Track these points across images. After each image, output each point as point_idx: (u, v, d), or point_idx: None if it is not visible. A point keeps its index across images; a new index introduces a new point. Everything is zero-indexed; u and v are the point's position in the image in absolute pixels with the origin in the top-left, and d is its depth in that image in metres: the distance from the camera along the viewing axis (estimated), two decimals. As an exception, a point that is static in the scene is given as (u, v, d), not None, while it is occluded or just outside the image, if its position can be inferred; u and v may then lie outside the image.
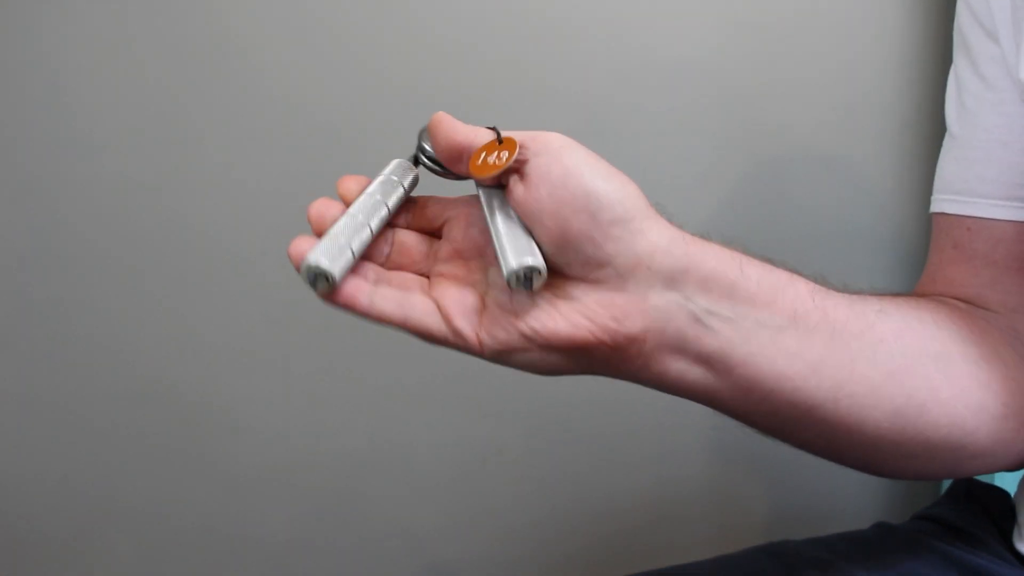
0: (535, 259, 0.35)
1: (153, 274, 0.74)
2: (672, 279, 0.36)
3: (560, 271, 0.36)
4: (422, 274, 0.39)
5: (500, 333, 0.37)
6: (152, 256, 0.73)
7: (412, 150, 0.42)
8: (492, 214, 0.38)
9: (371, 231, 0.38)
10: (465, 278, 0.38)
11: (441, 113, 0.39)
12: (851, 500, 0.87)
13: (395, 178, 0.40)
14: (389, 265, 0.39)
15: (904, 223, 0.82)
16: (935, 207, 0.52)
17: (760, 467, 0.86)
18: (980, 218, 0.49)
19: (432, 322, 0.37)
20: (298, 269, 0.36)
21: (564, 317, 0.36)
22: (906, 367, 0.41)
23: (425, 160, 0.41)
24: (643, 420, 0.82)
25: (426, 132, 0.41)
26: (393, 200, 0.39)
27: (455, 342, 0.37)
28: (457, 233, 0.40)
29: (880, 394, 0.40)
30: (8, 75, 0.69)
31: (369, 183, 0.40)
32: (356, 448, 0.79)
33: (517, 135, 0.38)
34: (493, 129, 0.39)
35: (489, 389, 0.79)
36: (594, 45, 0.74)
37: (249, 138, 0.72)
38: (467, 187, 0.41)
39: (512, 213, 0.37)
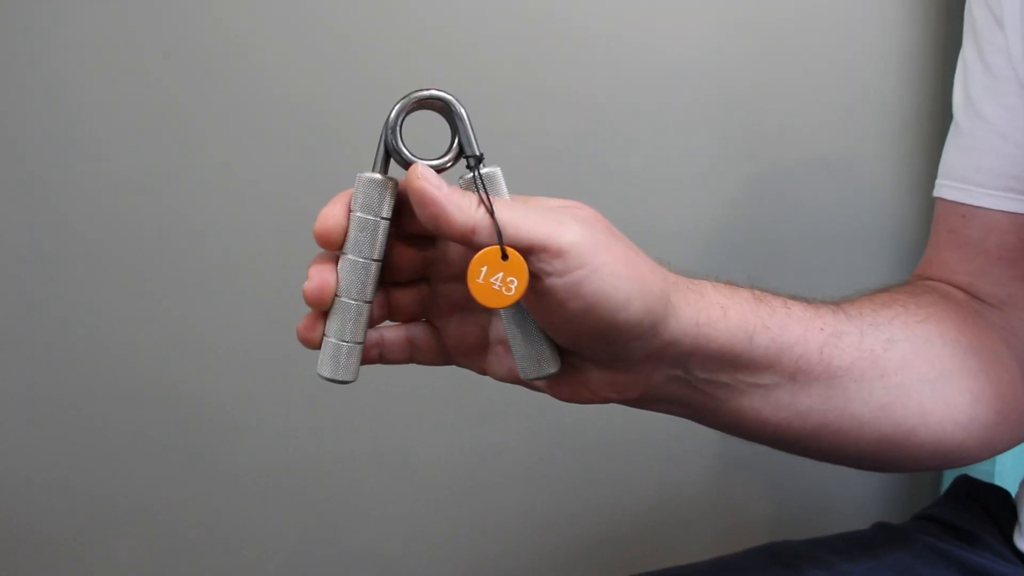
0: (551, 366, 0.36)
1: (153, 274, 0.73)
2: (677, 362, 0.38)
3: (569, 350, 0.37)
4: (420, 279, 0.39)
5: (503, 373, 0.39)
6: (152, 256, 0.73)
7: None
8: None
9: (368, 304, 0.37)
10: (466, 304, 0.38)
11: (421, 172, 0.34)
12: (851, 500, 0.87)
13: (371, 217, 0.36)
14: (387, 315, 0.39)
15: (904, 223, 0.82)
16: (936, 191, 0.53)
17: (760, 468, 0.86)
18: (974, 206, 0.50)
19: (438, 359, 0.39)
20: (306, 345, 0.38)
21: (568, 386, 0.38)
22: (900, 399, 0.43)
23: (402, 163, 0.37)
24: (643, 421, 0.82)
25: (395, 128, 0.37)
26: (378, 250, 0.36)
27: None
28: (455, 251, 0.38)
29: (866, 428, 0.42)
30: (8, 75, 0.69)
31: (347, 221, 0.37)
32: (356, 448, 0.79)
33: (522, 233, 0.33)
34: (494, 232, 0.33)
35: (489, 390, 0.79)
36: (594, 45, 0.74)
37: (249, 138, 0.72)
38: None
39: (520, 308, 0.36)
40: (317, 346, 0.38)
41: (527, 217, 0.33)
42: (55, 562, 0.77)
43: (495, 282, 0.33)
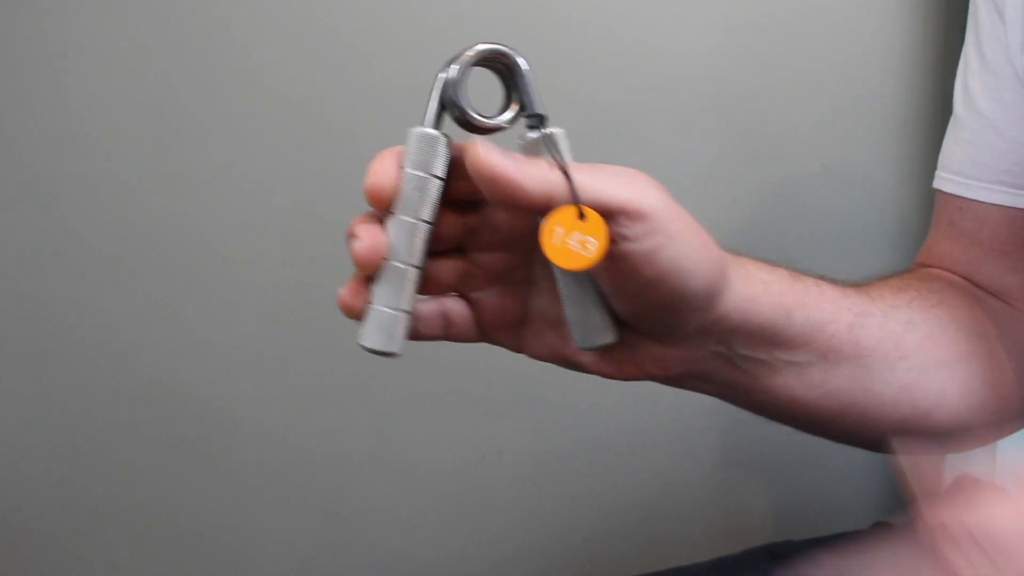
0: (609, 336, 0.35)
1: (153, 274, 0.73)
2: (724, 337, 0.38)
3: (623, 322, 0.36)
4: (456, 249, 0.37)
5: (541, 350, 0.37)
6: (152, 256, 0.73)
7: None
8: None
9: (418, 269, 0.34)
10: (506, 276, 0.37)
11: (484, 152, 0.31)
12: (851, 501, 0.87)
13: (421, 173, 0.34)
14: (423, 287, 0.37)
15: (904, 223, 0.82)
16: (935, 183, 0.54)
17: (760, 468, 0.86)
18: (969, 199, 0.51)
19: (472, 335, 0.37)
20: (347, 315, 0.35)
21: (615, 363, 0.37)
22: (919, 380, 0.44)
23: (462, 120, 0.34)
24: (643, 420, 0.82)
25: (457, 84, 0.34)
26: (430, 210, 0.34)
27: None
28: (502, 217, 0.35)
29: (888, 409, 0.43)
30: (8, 75, 0.69)
31: (399, 176, 0.34)
32: (357, 448, 0.79)
33: (602, 196, 0.32)
34: (571, 193, 0.31)
35: (489, 389, 0.79)
36: (595, 46, 0.74)
37: (249, 138, 0.72)
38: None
39: (583, 274, 0.34)
40: (359, 315, 0.35)
41: (605, 179, 0.32)
42: (55, 561, 0.77)
43: (571, 242, 0.31)
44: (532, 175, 0.31)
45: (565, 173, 0.31)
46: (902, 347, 0.43)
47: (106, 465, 0.76)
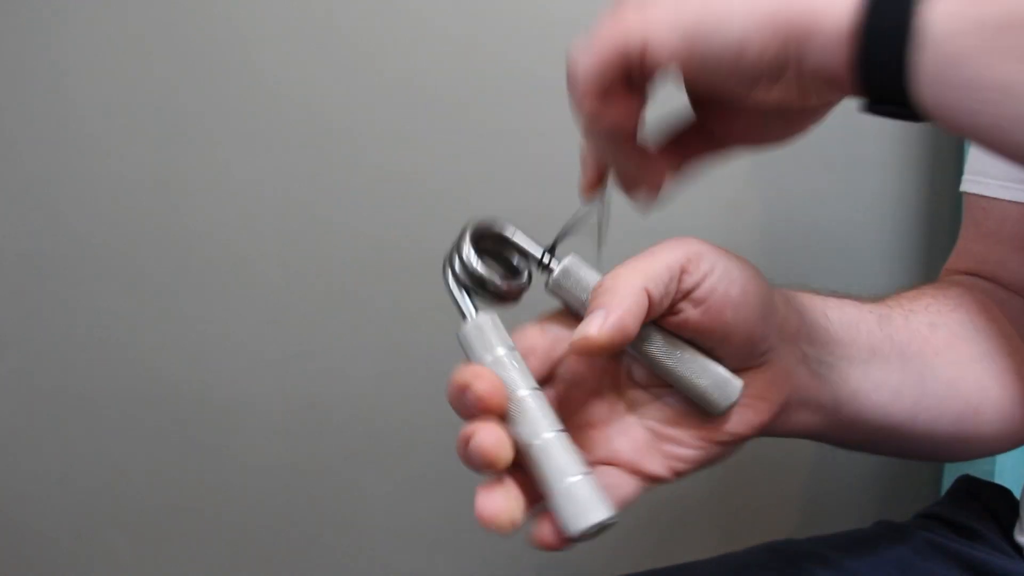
0: (738, 380, 0.36)
1: (152, 274, 0.73)
2: (792, 338, 0.39)
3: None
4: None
5: (685, 452, 0.37)
6: (151, 256, 0.73)
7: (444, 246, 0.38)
8: (662, 347, 0.35)
9: (564, 431, 0.34)
10: (609, 406, 0.38)
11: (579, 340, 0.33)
12: (853, 499, 0.87)
13: (504, 350, 0.35)
14: None
15: (904, 223, 0.82)
16: (961, 186, 0.55)
17: (760, 468, 0.86)
18: (990, 197, 0.52)
19: (631, 490, 0.38)
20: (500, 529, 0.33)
21: (751, 409, 0.38)
22: (960, 376, 0.45)
23: (495, 293, 0.36)
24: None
25: (466, 269, 0.36)
26: (532, 377, 0.35)
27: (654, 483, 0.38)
28: (576, 365, 0.37)
29: (944, 405, 0.44)
30: (8, 74, 0.69)
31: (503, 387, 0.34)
32: (356, 448, 0.79)
33: (662, 272, 0.35)
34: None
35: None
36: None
37: (250, 138, 0.72)
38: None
39: (677, 339, 0.36)
40: (530, 510, 0.33)
41: (648, 260, 0.35)
42: (54, 562, 0.77)
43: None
44: (606, 329, 0.33)
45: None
46: (932, 344, 0.45)
47: (106, 465, 0.76)
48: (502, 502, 0.33)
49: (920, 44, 0.29)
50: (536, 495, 0.34)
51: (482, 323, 0.35)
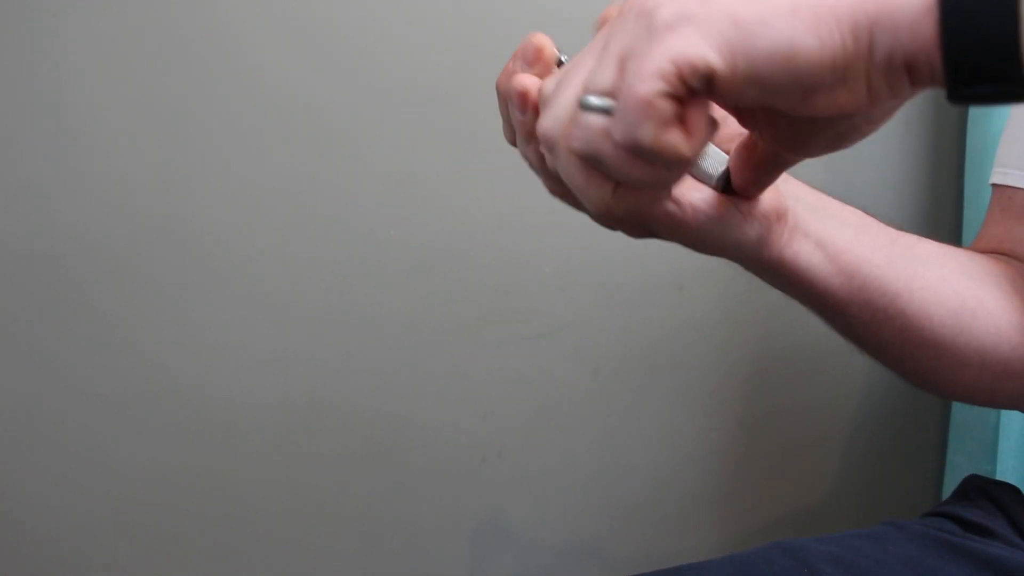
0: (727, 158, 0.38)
1: (152, 274, 0.73)
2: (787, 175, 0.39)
3: None
4: None
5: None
6: (150, 256, 0.73)
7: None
8: None
9: None
10: None
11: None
12: (854, 501, 0.87)
13: None
14: None
15: (904, 223, 0.82)
16: (991, 179, 0.57)
17: (763, 467, 0.86)
18: (1017, 187, 0.54)
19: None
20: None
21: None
22: (952, 276, 0.46)
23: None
24: (644, 419, 0.82)
25: None
26: None
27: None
28: None
29: (940, 292, 0.45)
30: (8, 74, 0.69)
31: None
32: (356, 448, 0.79)
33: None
34: None
35: (489, 389, 0.79)
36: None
37: (249, 138, 0.72)
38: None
39: None
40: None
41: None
42: (53, 562, 0.77)
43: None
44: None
45: None
46: (921, 248, 0.46)
47: (104, 465, 0.76)
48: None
49: None
50: None
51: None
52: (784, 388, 0.83)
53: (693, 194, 0.36)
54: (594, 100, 0.29)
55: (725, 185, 0.37)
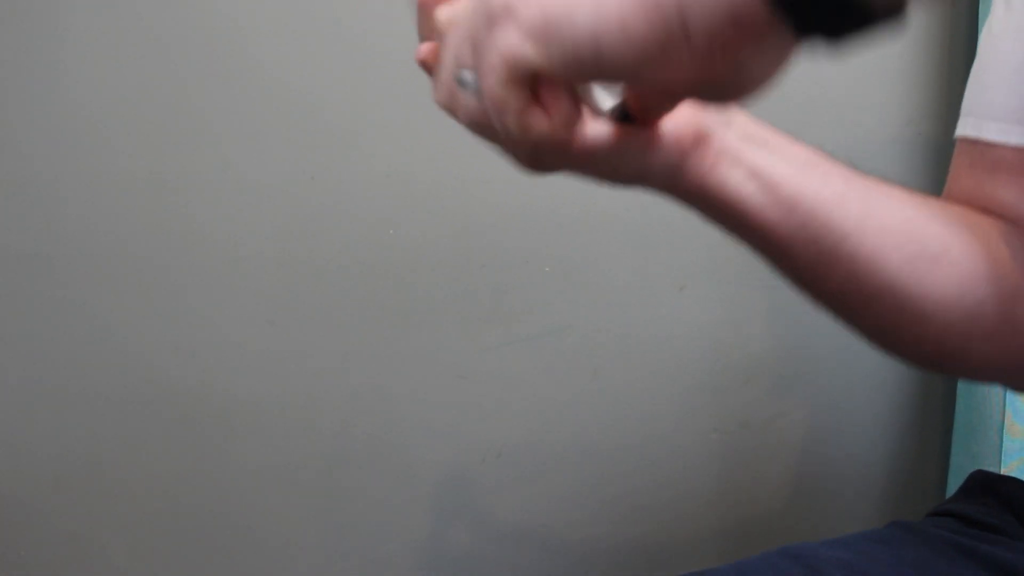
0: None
1: (151, 274, 0.73)
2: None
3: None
4: None
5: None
6: (149, 256, 0.73)
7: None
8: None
9: None
10: None
11: None
12: (858, 502, 0.87)
13: None
14: None
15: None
16: (957, 131, 0.53)
17: (765, 467, 0.85)
18: (987, 141, 0.50)
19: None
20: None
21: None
22: (916, 219, 0.43)
23: None
24: (644, 419, 0.82)
25: None
26: None
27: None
28: None
29: (898, 236, 0.42)
30: (7, 74, 0.69)
31: None
32: (356, 449, 0.78)
33: None
34: None
35: (489, 389, 0.79)
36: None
37: (249, 138, 0.72)
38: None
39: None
40: None
41: None
42: (51, 562, 0.77)
43: None
44: None
45: None
46: (884, 188, 0.43)
47: (102, 465, 0.76)
48: None
49: None
50: None
51: None
52: (784, 388, 0.82)
53: (585, 126, 0.35)
54: (467, 77, 0.32)
55: (622, 115, 0.35)
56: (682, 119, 0.37)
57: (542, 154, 0.34)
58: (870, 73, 0.77)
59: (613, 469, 0.82)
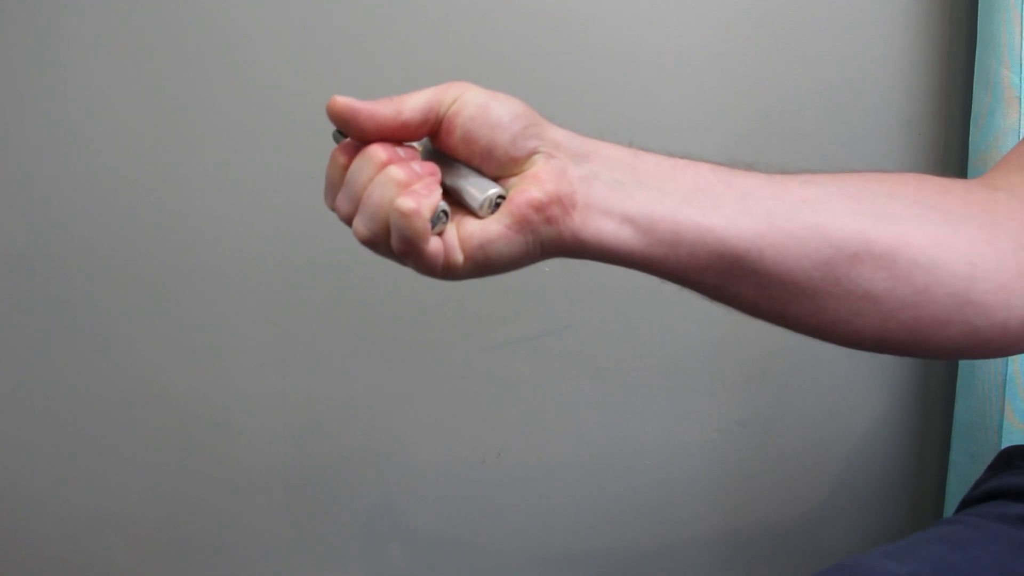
0: (496, 188, 0.40)
1: (151, 273, 0.73)
2: (582, 157, 0.41)
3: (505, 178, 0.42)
4: None
5: (468, 245, 0.41)
6: (149, 256, 0.73)
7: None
8: (445, 168, 0.41)
9: None
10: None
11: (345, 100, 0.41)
12: (858, 502, 0.87)
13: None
14: None
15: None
16: None
17: (763, 469, 0.85)
18: None
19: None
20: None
21: (522, 193, 0.40)
22: (831, 222, 0.42)
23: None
24: (645, 419, 0.82)
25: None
26: None
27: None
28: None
29: (805, 245, 0.41)
30: (7, 74, 0.69)
31: None
32: (355, 449, 0.78)
33: (419, 99, 0.40)
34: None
35: (489, 389, 0.79)
36: (595, 42, 0.74)
37: (249, 138, 0.72)
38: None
39: (451, 159, 0.41)
40: None
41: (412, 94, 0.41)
42: (50, 564, 0.77)
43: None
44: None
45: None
46: (798, 194, 0.42)
47: (102, 465, 0.76)
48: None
49: None
50: None
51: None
52: (785, 388, 0.82)
53: (435, 243, 0.40)
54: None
55: (495, 203, 0.40)
56: (537, 192, 0.39)
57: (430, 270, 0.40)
58: (870, 73, 0.77)
59: (613, 469, 0.82)
